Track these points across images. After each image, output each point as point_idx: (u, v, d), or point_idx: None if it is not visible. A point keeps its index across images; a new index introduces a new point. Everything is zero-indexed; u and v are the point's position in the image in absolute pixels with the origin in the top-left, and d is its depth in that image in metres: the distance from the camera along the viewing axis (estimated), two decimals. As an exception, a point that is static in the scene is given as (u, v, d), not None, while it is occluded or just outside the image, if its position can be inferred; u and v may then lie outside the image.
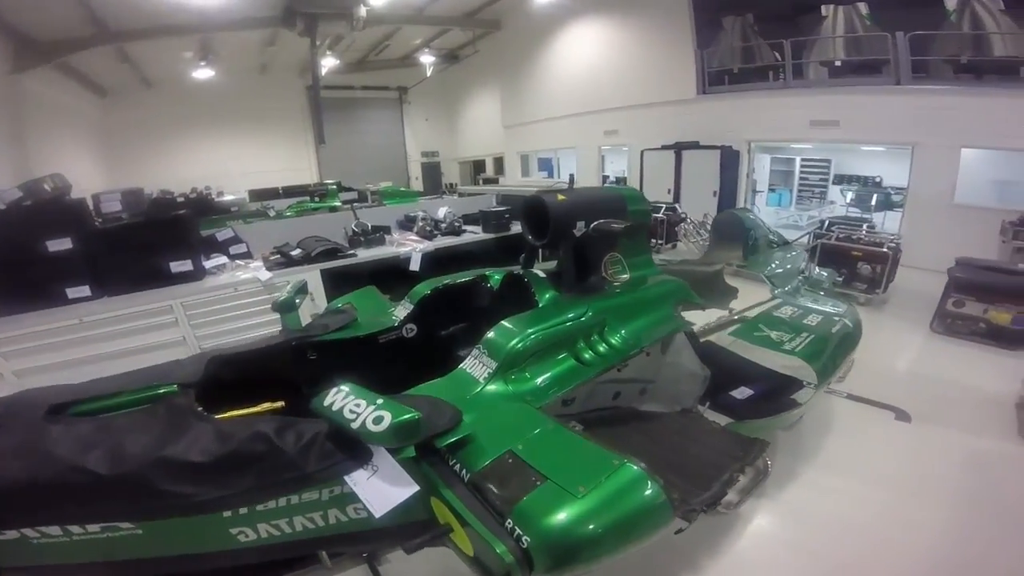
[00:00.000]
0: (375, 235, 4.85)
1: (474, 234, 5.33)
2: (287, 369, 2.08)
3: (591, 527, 1.17)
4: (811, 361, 2.40)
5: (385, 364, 2.36)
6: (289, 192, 9.53)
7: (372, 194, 9.10)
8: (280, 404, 1.79)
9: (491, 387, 1.73)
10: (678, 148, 9.84)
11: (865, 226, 7.50)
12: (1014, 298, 4.48)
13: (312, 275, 4.06)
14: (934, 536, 2.42)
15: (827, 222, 7.67)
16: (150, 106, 13.68)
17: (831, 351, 2.50)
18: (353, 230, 4.80)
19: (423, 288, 2.47)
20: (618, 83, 11.66)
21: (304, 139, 16.61)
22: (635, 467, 1.30)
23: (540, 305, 2.16)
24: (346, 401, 1.32)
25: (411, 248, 4.71)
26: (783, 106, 9.20)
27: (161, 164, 13.78)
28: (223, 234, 4.49)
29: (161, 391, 1.52)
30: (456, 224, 5.31)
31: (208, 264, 3.93)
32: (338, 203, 8.44)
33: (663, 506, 1.28)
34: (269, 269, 3.95)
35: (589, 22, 12.27)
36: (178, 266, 3.65)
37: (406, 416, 1.26)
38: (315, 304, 4.05)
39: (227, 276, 3.89)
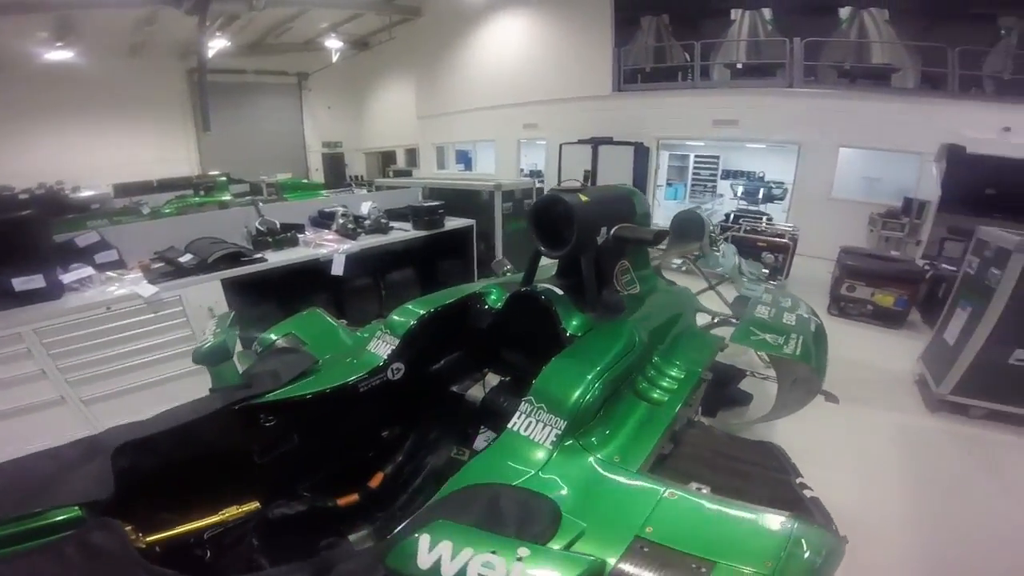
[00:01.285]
0: (285, 235, 4.16)
1: (403, 231, 4.82)
2: (234, 443, 1.56)
3: None
4: (809, 361, 2.31)
5: (363, 415, 1.90)
6: (166, 186, 8.19)
7: (268, 186, 8.13)
8: (254, 506, 1.38)
9: (564, 454, 1.34)
10: (595, 143, 10.07)
11: (764, 219, 8.09)
12: (895, 282, 5.11)
13: (211, 287, 3.34)
14: (885, 509, 2.64)
15: (732, 215, 8.15)
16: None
17: (818, 351, 2.44)
18: (257, 229, 4.07)
19: (406, 317, 1.98)
20: (539, 77, 11.63)
21: (183, 127, 14.80)
22: (809, 523, 1.07)
23: (569, 331, 1.83)
24: (464, 560, 0.83)
25: (332, 249, 4.11)
26: (690, 105, 9.73)
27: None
28: (85, 238, 3.55)
29: (56, 518, 0.98)
30: (382, 221, 4.75)
31: (67, 278, 3.05)
32: (229, 197, 7.40)
33: (841, 554, 1.06)
34: (152, 282, 3.16)
35: (513, 14, 12.08)
36: (24, 283, 2.78)
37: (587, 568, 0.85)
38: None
39: (95, 292, 3.05)
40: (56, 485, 1.06)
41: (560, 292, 1.94)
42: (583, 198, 1.87)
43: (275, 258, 3.80)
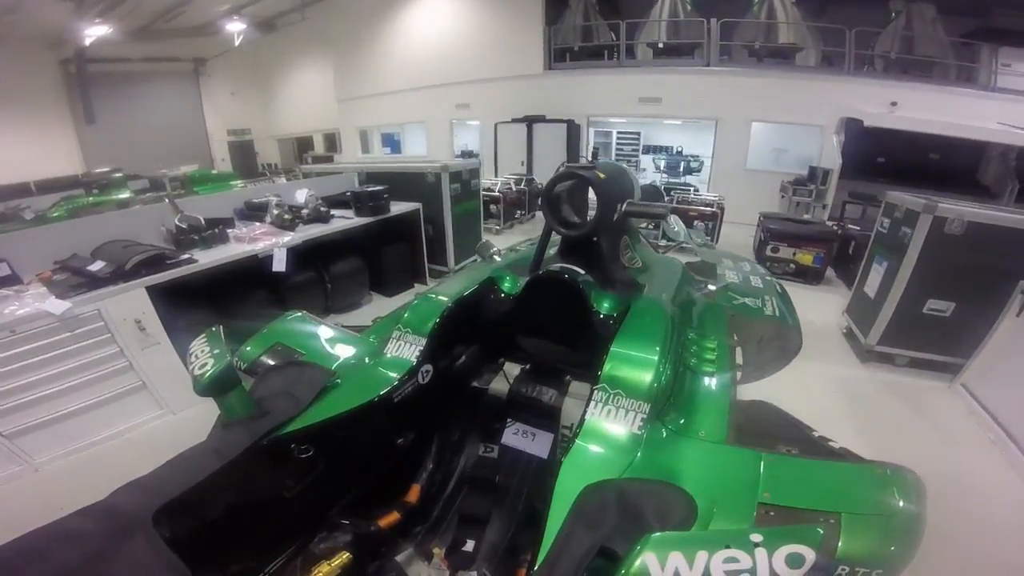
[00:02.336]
0: (212, 231, 3.70)
1: (346, 219, 4.51)
2: (266, 481, 1.37)
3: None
4: (793, 320, 2.40)
5: (388, 426, 1.72)
6: (47, 187, 7.04)
7: (172, 180, 7.31)
8: (345, 556, 1.26)
9: (655, 437, 1.29)
10: (529, 121, 10.11)
11: (692, 190, 8.53)
12: (812, 242, 5.67)
13: (135, 296, 2.90)
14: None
15: (663, 187, 8.51)
16: None
17: (791, 309, 2.55)
18: (178, 227, 3.61)
19: (429, 312, 1.79)
20: (470, 56, 11.35)
21: (59, 121, 12.96)
22: (897, 467, 1.13)
23: (602, 313, 1.76)
24: (703, 564, 0.76)
25: (270, 243, 3.73)
26: (617, 83, 10.03)
27: None
28: (-42, 253, 2.94)
29: None
30: (322, 209, 4.41)
31: (-54, 300, 2.51)
32: (128, 195, 6.55)
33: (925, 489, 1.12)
34: (61, 296, 2.67)
35: (440, -8, 11.63)
36: None
37: None
38: (146, 334, 2.92)
39: (-10, 315, 2.54)
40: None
41: (583, 273, 1.85)
42: (600, 175, 1.78)
43: (206, 258, 3.38)
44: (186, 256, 3.32)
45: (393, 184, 5.02)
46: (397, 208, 4.91)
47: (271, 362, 1.77)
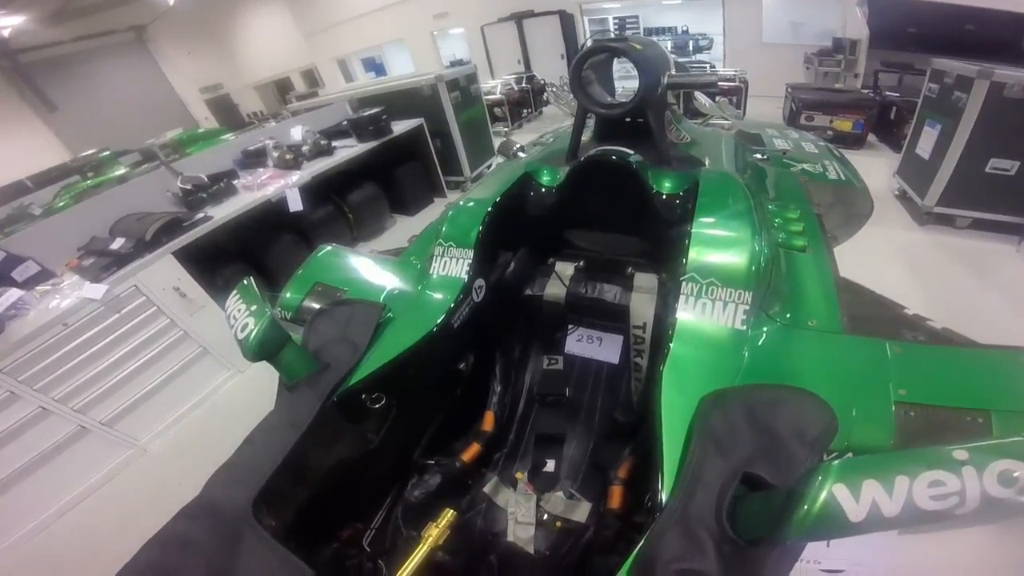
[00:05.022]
0: (219, 185, 3.56)
1: (349, 148, 4.29)
2: (347, 439, 1.28)
3: None
4: (859, 183, 2.16)
5: (448, 353, 1.58)
6: (42, 180, 6.96)
7: (163, 148, 7.06)
8: (449, 514, 1.17)
9: (761, 332, 1.09)
10: (517, 18, 9.40)
11: (708, 67, 8.27)
12: (850, 109, 5.64)
13: (165, 264, 2.84)
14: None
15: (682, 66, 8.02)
16: None
17: (853, 172, 2.29)
18: (183, 189, 3.47)
19: (469, 220, 1.58)
20: None
21: (17, 115, 12.25)
22: None
23: (664, 193, 1.54)
24: (904, 491, 0.62)
25: (279, 185, 3.57)
26: None
27: None
28: (-14, 260, 2.88)
29: None
30: (322, 143, 4.19)
31: (-8, 309, 2.50)
32: (124, 170, 6.38)
33: None
34: (95, 280, 2.62)
35: None
36: (-52, 330, 2.25)
37: None
38: (189, 300, 2.89)
39: (38, 313, 2.51)
40: None
41: (633, 152, 1.61)
42: (636, 46, 1.53)
43: (220, 212, 3.28)
44: (200, 215, 3.23)
45: (390, 104, 4.77)
46: (399, 127, 4.70)
47: (316, 306, 1.62)
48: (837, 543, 0.72)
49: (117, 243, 2.88)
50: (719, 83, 6.53)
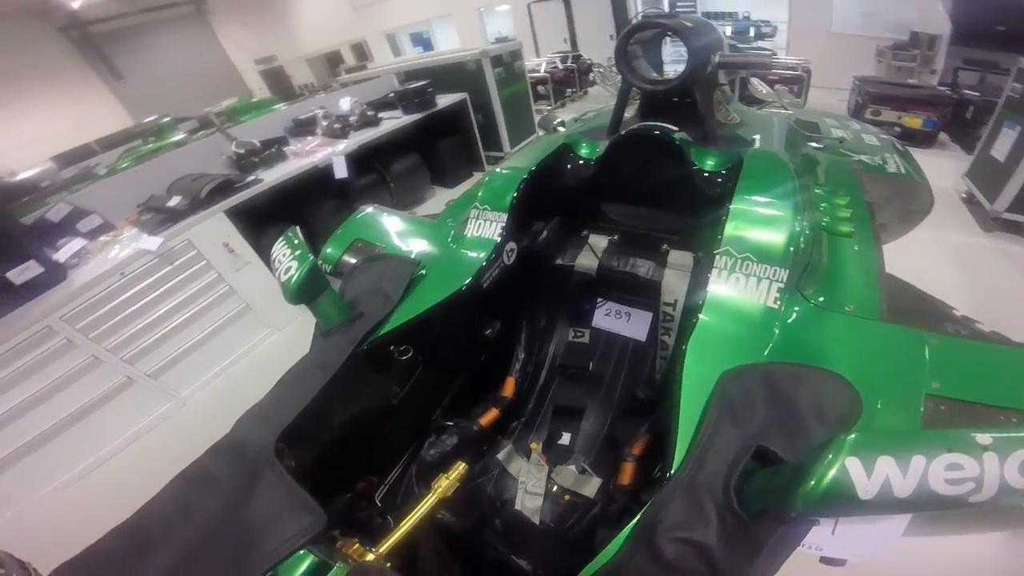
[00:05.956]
0: (270, 151, 3.70)
1: (395, 119, 4.36)
2: (373, 390, 1.31)
3: None
4: (921, 178, 2.03)
5: (476, 315, 1.61)
6: (108, 143, 7.36)
7: (218, 115, 7.30)
8: (461, 467, 1.15)
9: (793, 311, 1.05)
10: None
11: (770, 53, 7.71)
12: (922, 105, 5.31)
13: (216, 222, 2.97)
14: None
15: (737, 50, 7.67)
16: None
17: (915, 167, 2.13)
18: (237, 153, 3.62)
19: (505, 185, 1.58)
20: None
21: (88, 84, 12.95)
22: None
23: (707, 170, 1.49)
24: (920, 471, 0.61)
25: (327, 152, 3.66)
26: None
27: None
28: (56, 212, 3.07)
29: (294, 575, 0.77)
30: (369, 114, 4.28)
31: (61, 256, 2.68)
32: (181, 136, 6.64)
33: None
34: (152, 233, 2.78)
35: None
36: (20, 273, 2.41)
37: None
38: (236, 256, 3.02)
39: (99, 262, 2.68)
40: (242, 525, 0.83)
41: (677, 129, 1.57)
42: (686, 23, 1.48)
43: (270, 176, 3.41)
44: (251, 178, 3.37)
45: (435, 78, 4.81)
46: (443, 101, 4.74)
47: (354, 260, 1.66)
48: (843, 532, 0.69)
49: (173, 201, 3.03)
50: (780, 72, 6.27)
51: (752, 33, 10.20)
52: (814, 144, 2.00)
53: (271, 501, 0.84)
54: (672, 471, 0.79)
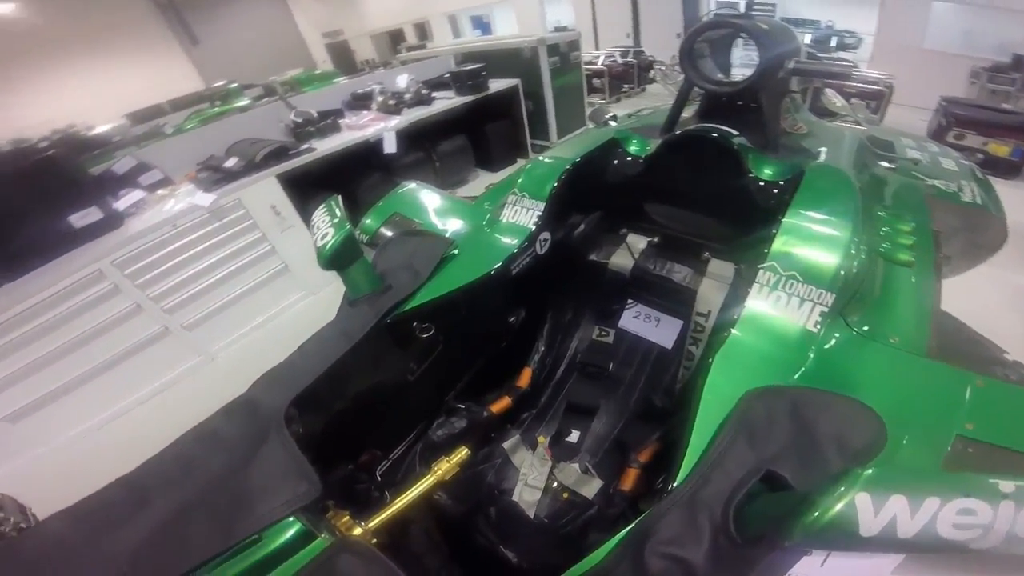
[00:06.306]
0: (326, 122, 3.82)
1: (447, 99, 4.41)
2: (391, 364, 1.33)
3: None
4: (997, 211, 1.87)
5: (502, 301, 1.61)
6: (178, 105, 7.82)
7: (283, 85, 7.54)
8: (463, 452, 1.14)
9: (833, 337, 0.99)
10: None
11: (849, 65, 7.22)
12: (1013, 132, 4.91)
13: (267, 185, 3.09)
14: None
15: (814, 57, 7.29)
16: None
17: (993, 198, 1.96)
18: (294, 122, 3.75)
19: (546, 174, 1.56)
20: None
21: (166, 46, 13.66)
22: None
23: (762, 179, 1.42)
24: (931, 513, 0.62)
25: (379, 128, 3.74)
26: None
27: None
28: (122, 165, 3.28)
29: (277, 542, 0.77)
30: (423, 92, 4.35)
31: (120, 205, 2.86)
32: (246, 101, 6.92)
33: None
34: (206, 190, 2.92)
35: None
36: (82, 218, 2.59)
37: None
38: (282, 218, 3.13)
39: (153, 213, 2.85)
40: (241, 485, 0.84)
41: (737, 133, 1.50)
42: (761, 25, 1.41)
43: (322, 146, 3.53)
44: (305, 146, 3.49)
45: (490, 62, 4.81)
46: (496, 85, 4.75)
47: (390, 233, 1.70)
48: (832, 565, 0.66)
49: (230, 162, 3.18)
50: (859, 85, 5.92)
51: (834, 43, 9.71)
52: (885, 163, 1.87)
53: (272, 465, 0.85)
54: (675, 483, 0.77)
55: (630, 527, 0.73)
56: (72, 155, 3.37)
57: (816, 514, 0.56)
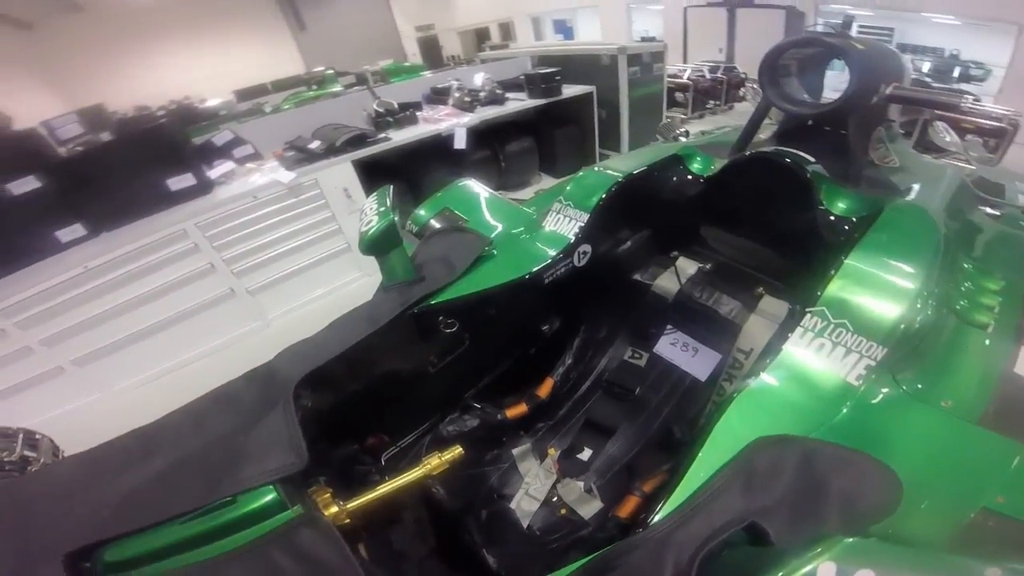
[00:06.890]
0: (404, 113, 4.01)
1: (519, 101, 4.48)
2: (412, 354, 1.35)
3: None
4: None
5: (534, 308, 1.61)
6: (280, 86, 8.46)
7: (373, 74, 7.96)
8: (458, 451, 1.11)
9: (876, 394, 0.92)
10: (731, 5, 8.37)
11: (971, 98, 6.46)
12: None
13: (343, 168, 3.31)
14: None
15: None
16: (86, 30, 11.66)
17: None
18: (376, 111, 3.96)
19: (596, 184, 1.52)
20: None
21: (278, 29, 14.72)
22: None
23: (835, 213, 1.30)
24: None
25: (452, 123, 3.88)
26: None
27: (122, 86, 12.23)
28: (221, 137, 3.64)
29: (251, 505, 0.78)
30: (497, 92, 4.45)
31: (213, 174, 3.18)
32: (339, 88, 7.36)
33: None
34: (289, 168, 3.19)
35: None
36: (178, 182, 2.91)
37: None
38: (351, 201, 3.34)
39: (239, 184, 3.15)
40: (238, 448, 0.86)
41: (813, 160, 1.40)
42: (857, 45, 1.30)
43: (398, 137, 3.71)
44: (383, 136, 3.70)
45: (566, 67, 4.79)
46: (569, 91, 4.71)
47: (438, 226, 1.74)
48: None
49: (314, 144, 3.45)
50: (978, 120, 5.26)
51: (956, 73, 8.90)
52: (989, 209, 1.69)
53: (269, 433, 0.87)
54: (655, 519, 0.74)
55: (591, 556, 0.70)
56: (180, 124, 3.78)
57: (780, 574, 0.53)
